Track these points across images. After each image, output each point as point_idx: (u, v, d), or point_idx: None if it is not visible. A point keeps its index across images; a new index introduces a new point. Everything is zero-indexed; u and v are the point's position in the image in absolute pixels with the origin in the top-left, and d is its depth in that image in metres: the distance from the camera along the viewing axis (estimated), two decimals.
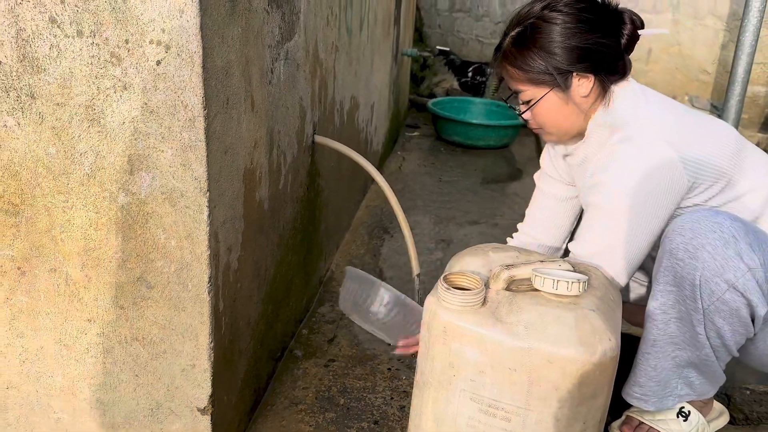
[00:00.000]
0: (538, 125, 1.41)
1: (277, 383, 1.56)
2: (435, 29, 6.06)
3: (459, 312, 1.10)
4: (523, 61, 1.33)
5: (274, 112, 1.36)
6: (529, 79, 1.34)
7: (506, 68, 1.37)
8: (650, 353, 1.26)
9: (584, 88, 1.33)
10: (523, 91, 1.36)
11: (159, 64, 0.98)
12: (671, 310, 1.21)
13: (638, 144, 1.29)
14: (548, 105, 1.35)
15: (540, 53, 1.31)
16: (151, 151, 1.03)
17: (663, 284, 1.21)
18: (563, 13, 1.30)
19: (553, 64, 1.30)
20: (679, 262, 1.17)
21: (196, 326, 1.13)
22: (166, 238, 1.08)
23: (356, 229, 2.58)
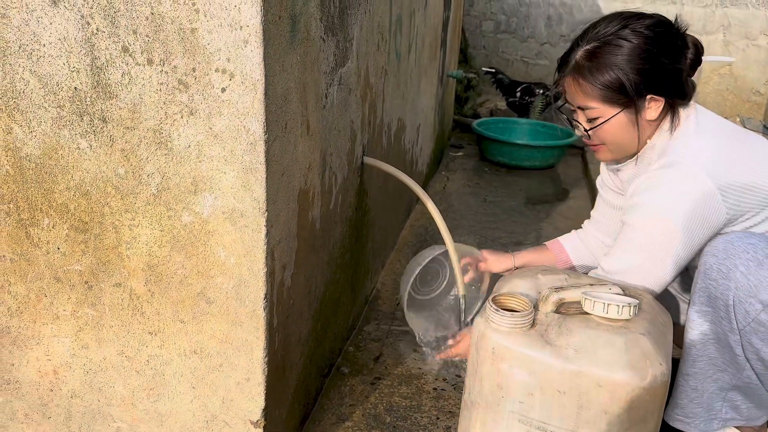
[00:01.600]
0: (599, 142, 1.39)
1: (325, 399, 1.59)
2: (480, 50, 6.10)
3: (508, 333, 1.11)
4: (598, 77, 1.31)
5: (327, 135, 1.40)
6: (602, 96, 1.32)
7: (577, 82, 1.34)
8: (690, 375, 1.26)
9: (654, 111, 1.32)
10: (592, 108, 1.34)
11: (224, 91, 1.04)
12: (709, 331, 1.21)
13: (681, 172, 1.28)
14: (616, 125, 1.34)
15: (617, 71, 1.29)
16: (214, 172, 1.08)
17: (699, 305, 1.22)
18: (641, 36, 1.29)
19: (630, 84, 1.29)
20: (712, 282, 1.17)
21: (251, 341, 1.17)
22: (225, 255, 1.12)
23: (401, 249, 2.61)
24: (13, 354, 1.25)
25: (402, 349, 1.83)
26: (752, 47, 4.02)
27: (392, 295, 2.18)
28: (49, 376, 1.26)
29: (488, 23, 5.97)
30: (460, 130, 4.96)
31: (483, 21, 6.02)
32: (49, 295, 1.20)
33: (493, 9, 5.89)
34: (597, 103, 1.33)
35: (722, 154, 1.30)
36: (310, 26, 1.21)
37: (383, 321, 1.99)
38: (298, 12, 1.14)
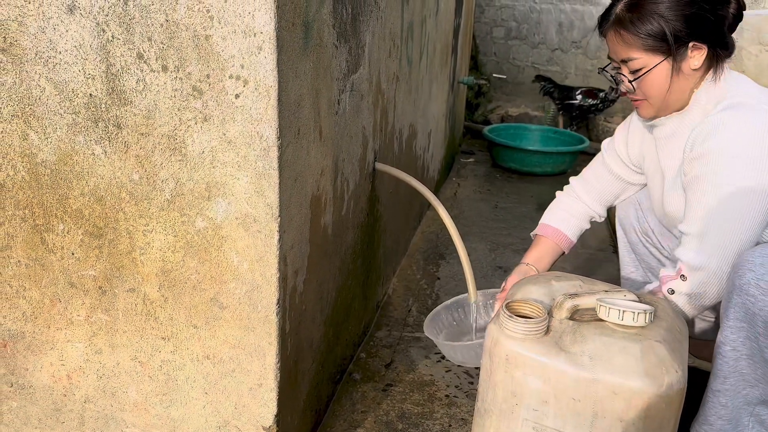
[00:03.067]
0: (642, 96, 1.38)
1: (337, 406, 1.58)
2: (491, 57, 6.10)
3: (522, 340, 1.10)
4: (639, 27, 1.30)
5: (340, 141, 1.41)
6: (644, 45, 1.31)
7: (618, 34, 1.34)
8: (720, 391, 1.23)
9: (697, 60, 1.32)
10: (634, 59, 1.33)
11: (237, 97, 1.04)
12: (742, 347, 1.18)
13: (748, 108, 1.27)
14: (659, 75, 1.33)
15: (659, 19, 1.29)
16: (228, 178, 1.08)
17: (733, 320, 1.18)
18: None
19: (670, 31, 1.28)
20: (750, 298, 1.14)
21: (264, 346, 1.17)
22: (238, 261, 1.13)
23: (413, 255, 2.61)
24: (28, 359, 1.26)
25: (414, 355, 1.82)
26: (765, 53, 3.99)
27: (403, 302, 2.17)
28: (63, 381, 1.27)
29: (499, 30, 5.97)
30: (471, 136, 4.96)
31: (494, 27, 6.02)
32: (64, 300, 1.21)
33: (503, 16, 5.89)
34: (640, 53, 1.32)
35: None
36: (322, 33, 1.21)
37: (395, 327, 1.98)
38: (311, 19, 1.14)
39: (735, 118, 1.27)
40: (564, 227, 1.66)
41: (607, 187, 1.65)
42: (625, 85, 1.39)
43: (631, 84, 1.37)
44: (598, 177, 1.66)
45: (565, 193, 1.72)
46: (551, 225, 1.68)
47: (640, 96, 1.39)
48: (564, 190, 1.73)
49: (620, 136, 1.61)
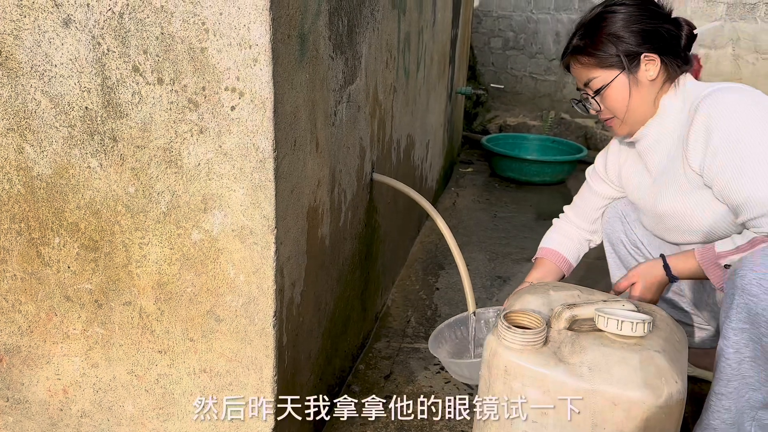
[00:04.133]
0: (611, 113, 1.47)
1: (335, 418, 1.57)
2: (488, 67, 6.12)
3: (520, 351, 1.09)
4: (592, 48, 1.42)
5: (336, 152, 1.40)
6: (599, 63, 1.42)
7: (576, 60, 1.46)
8: (723, 395, 1.22)
9: (652, 71, 1.41)
10: (594, 78, 1.45)
11: (233, 109, 1.04)
12: (745, 349, 1.17)
13: (733, 89, 1.35)
14: (618, 88, 1.43)
15: (609, 38, 1.41)
16: (224, 190, 1.08)
17: (735, 322, 1.17)
18: (625, 5, 1.42)
19: (621, 47, 1.40)
20: (753, 299, 1.13)
21: (260, 359, 1.16)
22: (235, 273, 1.12)
23: (411, 265, 2.60)
24: (23, 373, 1.25)
25: (413, 366, 1.81)
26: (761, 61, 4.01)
27: (402, 312, 2.16)
28: (59, 396, 1.26)
29: (496, 40, 6.00)
30: (469, 146, 4.97)
31: (491, 38, 6.04)
32: (60, 314, 1.20)
33: (501, 26, 5.92)
34: (596, 71, 1.44)
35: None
36: (318, 44, 1.22)
37: (394, 338, 1.97)
38: (306, 31, 1.14)
39: (722, 100, 1.33)
40: (562, 249, 1.74)
41: (594, 207, 1.74)
42: (593, 106, 1.49)
43: (596, 101, 1.47)
44: (586, 201, 1.76)
45: (560, 219, 1.82)
46: (550, 248, 1.75)
47: (608, 114, 1.48)
48: (559, 217, 1.82)
49: (600, 161, 1.72)
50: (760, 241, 1.25)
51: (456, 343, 1.72)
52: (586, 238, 1.78)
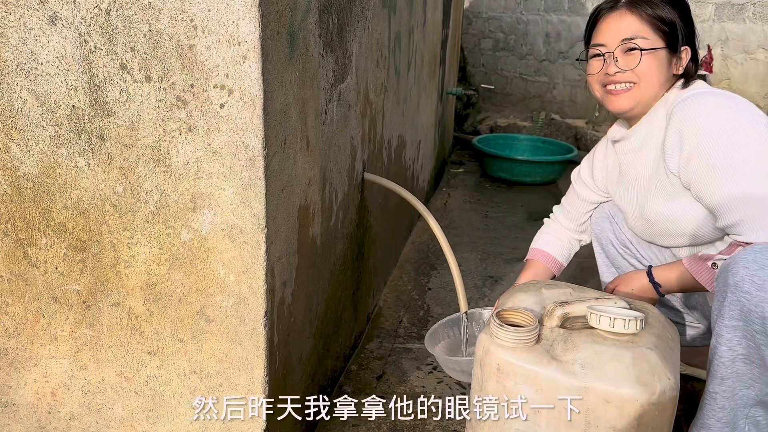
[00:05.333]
0: (634, 78, 1.41)
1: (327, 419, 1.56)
2: (479, 68, 6.13)
3: (513, 349, 1.09)
4: (657, 10, 1.39)
5: (327, 151, 1.40)
6: (655, 27, 1.39)
7: (635, 8, 1.40)
8: (718, 393, 1.21)
9: (683, 62, 1.42)
10: (644, 37, 1.39)
11: (222, 107, 1.03)
12: (738, 347, 1.17)
13: (707, 93, 1.37)
14: (659, 59, 1.40)
15: (672, 10, 1.40)
16: (213, 189, 1.07)
17: (728, 319, 1.16)
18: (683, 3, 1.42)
19: (680, 26, 1.40)
20: (745, 295, 1.13)
21: (251, 360, 1.15)
22: (225, 273, 1.11)
23: (403, 265, 2.59)
24: (11, 376, 1.23)
25: (405, 366, 1.81)
26: (750, 61, 4.03)
27: (394, 313, 2.16)
28: (47, 398, 1.24)
29: (487, 41, 6.01)
30: (460, 146, 4.97)
31: (482, 39, 6.05)
32: (47, 316, 1.19)
33: (491, 27, 5.93)
34: (649, 32, 1.40)
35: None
36: (308, 42, 1.21)
37: (386, 339, 1.97)
38: (296, 28, 1.14)
39: (694, 105, 1.34)
40: (552, 250, 1.75)
41: (581, 211, 1.76)
42: (622, 62, 1.40)
43: (629, 59, 1.39)
44: (573, 204, 1.77)
45: (550, 220, 1.83)
46: (541, 249, 1.76)
47: (629, 78, 1.41)
48: (549, 218, 1.84)
49: (585, 166, 1.73)
50: (737, 245, 1.26)
51: (450, 341, 1.72)
52: (576, 239, 1.79)
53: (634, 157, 1.51)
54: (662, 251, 1.58)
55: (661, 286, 1.40)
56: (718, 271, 1.21)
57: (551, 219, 1.82)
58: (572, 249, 1.79)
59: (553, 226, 1.80)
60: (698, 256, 1.35)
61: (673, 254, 1.54)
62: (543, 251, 1.75)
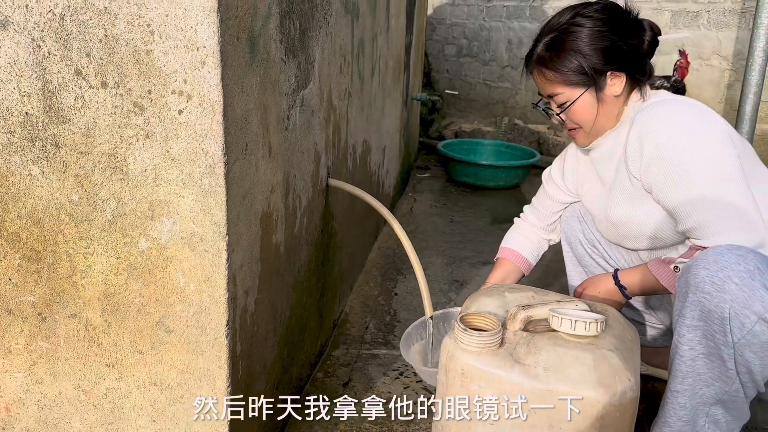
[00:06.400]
0: (574, 125, 1.48)
1: (294, 429, 1.54)
2: (443, 74, 6.17)
3: (477, 353, 1.09)
4: (559, 64, 1.41)
5: (290, 157, 1.39)
6: (565, 80, 1.42)
7: (541, 72, 1.45)
8: (679, 391, 1.24)
9: (617, 87, 1.42)
10: (559, 93, 1.44)
11: (181, 113, 1.01)
12: (698, 346, 1.19)
13: (669, 101, 1.39)
14: (584, 105, 1.43)
15: (575, 55, 1.39)
16: (172, 197, 1.05)
17: (689, 319, 1.19)
18: (592, 19, 1.40)
19: (587, 65, 1.39)
20: (706, 296, 1.15)
21: (213, 370, 1.13)
22: (185, 282, 1.09)
23: (370, 271, 2.59)
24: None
25: (372, 373, 1.80)
26: (705, 67, 4.15)
27: (361, 318, 2.15)
28: (1, 414, 1.20)
29: (451, 47, 6.06)
30: (426, 151, 4.99)
31: (446, 45, 6.10)
32: (1, 329, 1.15)
33: (455, 33, 5.98)
34: (562, 88, 1.43)
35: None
36: (269, 47, 1.20)
37: (352, 345, 1.96)
38: (256, 33, 1.13)
39: (654, 112, 1.37)
40: (522, 249, 1.77)
41: (551, 211, 1.77)
42: (555, 117, 1.49)
43: (560, 117, 1.48)
44: (543, 204, 1.79)
45: (520, 219, 1.85)
46: (511, 248, 1.78)
47: (573, 125, 1.49)
48: (519, 217, 1.86)
49: (557, 166, 1.75)
50: (697, 249, 1.30)
51: (424, 344, 1.73)
52: (545, 238, 1.81)
53: (602, 163, 1.54)
54: (629, 253, 1.61)
55: (626, 289, 1.42)
56: (680, 273, 1.24)
57: (521, 218, 1.84)
58: (541, 248, 1.81)
59: (523, 226, 1.82)
60: (661, 260, 1.37)
61: (639, 256, 1.57)
62: (513, 250, 1.77)
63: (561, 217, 1.76)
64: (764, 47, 3.44)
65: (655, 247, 1.47)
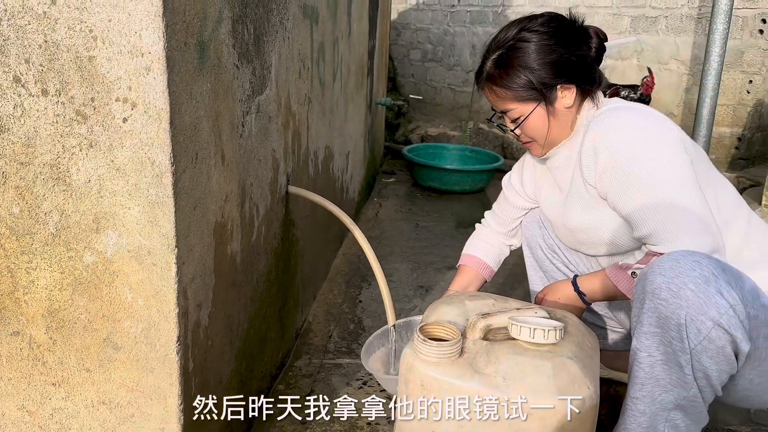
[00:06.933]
0: (528, 139, 1.49)
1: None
2: (408, 78, 6.18)
3: (436, 364, 1.08)
4: (508, 81, 1.41)
5: (246, 164, 1.35)
6: (516, 97, 1.42)
7: (492, 89, 1.45)
8: (638, 398, 1.23)
9: (568, 99, 1.42)
10: (511, 109, 1.44)
11: (125, 121, 0.98)
12: (656, 352, 1.19)
13: (622, 108, 1.39)
14: (537, 119, 1.43)
15: (523, 71, 1.39)
16: (117, 208, 1.01)
17: (647, 326, 1.19)
18: (538, 33, 1.39)
19: (537, 80, 1.39)
20: (662, 302, 1.15)
21: (164, 388, 1.09)
22: (132, 297, 1.05)
23: (334, 278, 2.56)
24: None
25: (335, 383, 1.77)
26: (664, 71, 4.22)
27: (324, 327, 2.12)
28: None
29: (415, 52, 6.07)
30: (391, 156, 4.98)
31: (410, 50, 6.11)
32: None
33: (419, 38, 5.99)
34: (514, 104, 1.43)
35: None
36: (221, 53, 1.16)
37: (315, 355, 1.92)
38: (206, 38, 1.09)
39: (607, 120, 1.37)
40: (484, 256, 1.76)
41: (512, 217, 1.77)
42: (510, 132, 1.50)
43: (513, 132, 1.48)
44: (504, 210, 1.78)
45: (482, 225, 1.84)
46: (472, 254, 1.77)
47: (526, 139, 1.50)
48: (481, 222, 1.85)
49: (516, 173, 1.74)
50: (653, 255, 1.30)
51: (385, 352, 1.71)
52: (507, 244, 1.81)
53: (559, 171, 1.54)
54: (589, 258, 1.61)
55: (586, 295, 1.42)
56: (637, 279, 1.24)
57: (482, 224, 1.84)
58: (503, 254, 1.81)
59: (484, 232, 1.81)
60: (618, 265, 1.37)
61: (598, 262, 1.57)
62: (474, 257, 1.76)
63: (522, 222, 1.76)
64: (720, 52, 3.51)
65: (613, 253, 1.47)
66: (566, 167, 1.51)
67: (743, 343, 1.13)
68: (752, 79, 3.85)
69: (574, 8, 1.52)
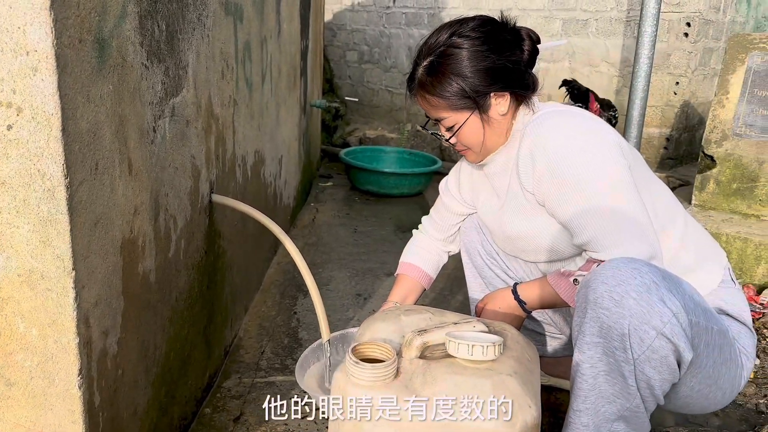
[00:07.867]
0: (464, 147, 1.44)
1: None
2: (346, 80, 6.09)
3: (370, 387, 1.00)
4: (440, 89, 1.35)
5: (160, 173, 1.24)
6: (450, 105, 1.36)
7: (425, 97, 1.39)
8: (581, 410, 1.19)
9: (502, 107, 1.37)
10: (444, 118, 1.39)
11: (10, 129, 0.86)
12: (599, 363, 1.15)
13: (557, 113, 1.36)
14: (471, 127, 1.38)
15: (456, 79, 1.34)
16: (4, 227, 0.89)
17: (589, 336, 1.14)
18: (470, 39, 1.34)
19: (469, 88, 1.33)
20: (605, 312, 1.11)
21: (66, 426, 0.97)
22: (26, 327, 0.92)
23: (268, 289, 2.45)
24: None
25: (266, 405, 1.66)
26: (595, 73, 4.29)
27: (256, 343, 2.01)
28: None
29: (352, 53, 5.99)
30: (329, 159, 4.89)
31: (347, 51, 6.02)
32: None
33: (355, 39, 5.92)
34: (447, 112, 1.38)
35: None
36: (126, 51, 1.05)
37: (245, 374, 1.81)
38: (106, 35, 0.98)
39: (543, 126, 1.33)
40: (421, 263, 1.70)
41: (450, 223, 1.72)
42: (444, 141, 1.45)
43: (449, 141, 1.44)
44: (442, 216, 1.73)
45: (419, 231, 1.78)
46: (410, 263, 1.71)
47: (461, 147, 1.45)
48: (418, 229, 1.79)
49: (453, 178, 1.69)
50: (593, 262, 1.27)
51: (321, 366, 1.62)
52: (445, 250, 1.75)
53: (496, 177, 1.50)
54: (528, 264, 1.57)
55: (526, 304, 1.37)
56: (579, 288, 1.19)
57: (420, 230, 1.77)
58: (441, 261, 1.75)
59: (421, 239, 1.75)
60: (560, 272, 1.33)
61: (538, 268, 1.53)
62: (412, 265, 1.70)
63: (460, 228, 1.71)
64: (649, 54, 3.58)
65: (554, 259, 1.43)
66: (503, 173, 1.46)
67: (686, 351, 1.10)
68: (678, 81, 3.95)
69: (507, 11, 1.47)
